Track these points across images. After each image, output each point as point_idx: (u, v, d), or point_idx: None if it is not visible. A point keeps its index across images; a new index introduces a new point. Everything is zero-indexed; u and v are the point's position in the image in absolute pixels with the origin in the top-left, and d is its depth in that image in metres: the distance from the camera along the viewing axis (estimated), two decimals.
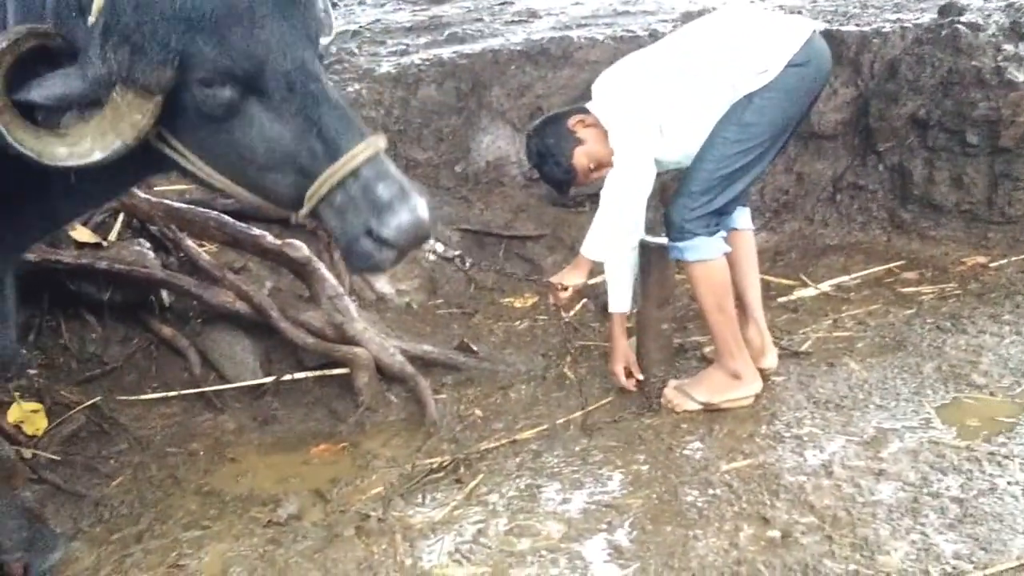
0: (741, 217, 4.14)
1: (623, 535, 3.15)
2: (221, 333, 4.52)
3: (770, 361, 4.17)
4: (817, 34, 3.75)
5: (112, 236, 4.43)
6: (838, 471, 3.38)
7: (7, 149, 1.88)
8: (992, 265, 5.15)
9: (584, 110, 3.97)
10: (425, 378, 4.34)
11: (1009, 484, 3.18)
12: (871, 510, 3.12)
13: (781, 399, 3.98)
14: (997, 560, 2.80)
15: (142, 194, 4.37)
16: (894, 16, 6.18)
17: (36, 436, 3.81)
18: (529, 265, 5.60)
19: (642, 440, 3.79)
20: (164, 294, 4.53)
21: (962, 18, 5.70)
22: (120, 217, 4.54)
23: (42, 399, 3.97)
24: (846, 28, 6.03)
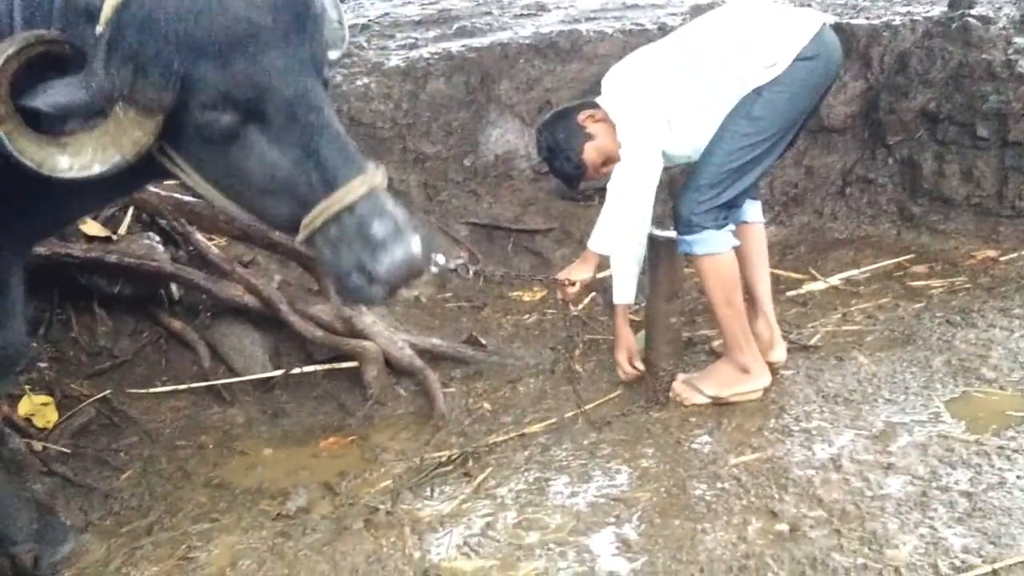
0: (752, 210, 4.13)
1: (631, 528, 3.15)
2: (230, 326, 4.53)
3: (779, 355, 4.16)
4: (827, 27, 3.73)
5: (122, 230, 4.44)
6: (847, 465, 3.38)
7: (8, 157, 1.87)
8: (1002, 259, 5.13)
9: (594, 104, 3.97)
10: (434, 372, 4.35)
11: (1018, 478, 3.17)
12: (880, 504, 3.11)
13: (790, 393, 3.98)
14: (1006, 554, 2.78)
15: (152, 188, 4.38)
16: (904, 9, 6.17)
17: (46, 429, 3.82)
18: (538, 259, 5.60)
19: (650, 434, 3.79)
20: (174, 288, 4.54)
21: (972, 11, 5.69)
22: (130, 211, 4.55)
23: (52, 392, 3.98)
24: (856, 21, 6.02)
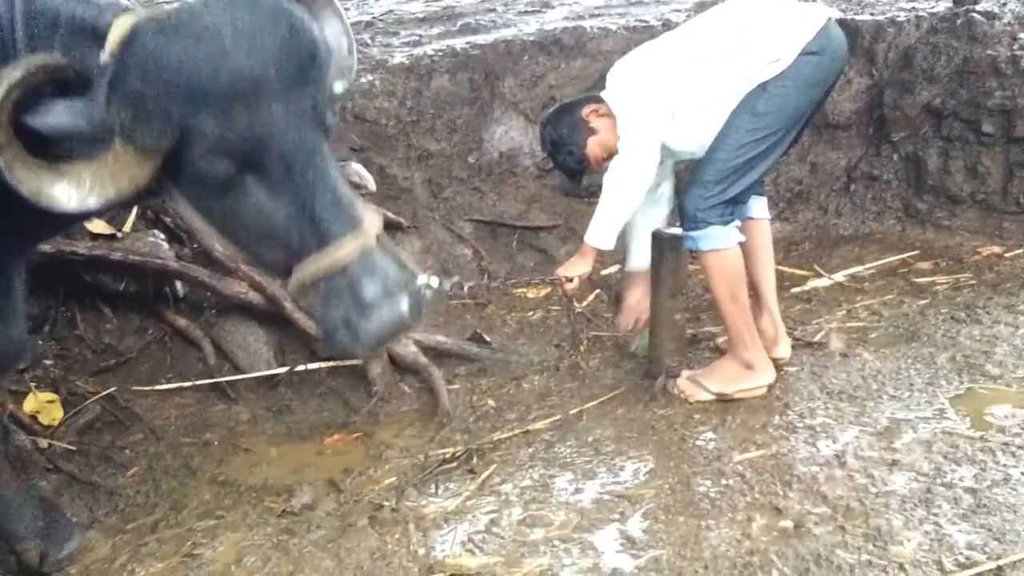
0: (757, 206, 4.12)
1: (636, 525, 3.15)
2: (235, 324, 4.53)
3: (783, 351, 4.16)
4: (832, 22, 3.73)
5: (127, 227, 4.43)
6: (851, 461, 3.38)
7: (5, 185, 1.86)
8: (1007, 255, 5.13)
9: (598, 99, 3.96)
10: (438, 369, 4.35)
11: (1023, 474, 3.17)
12: (884, 500, 3.12)
13: (794, 389, 3.98)
14: (1010, 550, 2.79)
15: None
16: (909, 5, 6.15)
17: (52, 426, 3.82)
18: (542, 255, 5.59)
19: (655, 430, 3.79)
20: (178, 285, 4.53)
21: (977, 7, 5.68)
22: (135, 208, 4.55)
23: (58, 389, 3.98)
24: (860, 17, 6.00)
